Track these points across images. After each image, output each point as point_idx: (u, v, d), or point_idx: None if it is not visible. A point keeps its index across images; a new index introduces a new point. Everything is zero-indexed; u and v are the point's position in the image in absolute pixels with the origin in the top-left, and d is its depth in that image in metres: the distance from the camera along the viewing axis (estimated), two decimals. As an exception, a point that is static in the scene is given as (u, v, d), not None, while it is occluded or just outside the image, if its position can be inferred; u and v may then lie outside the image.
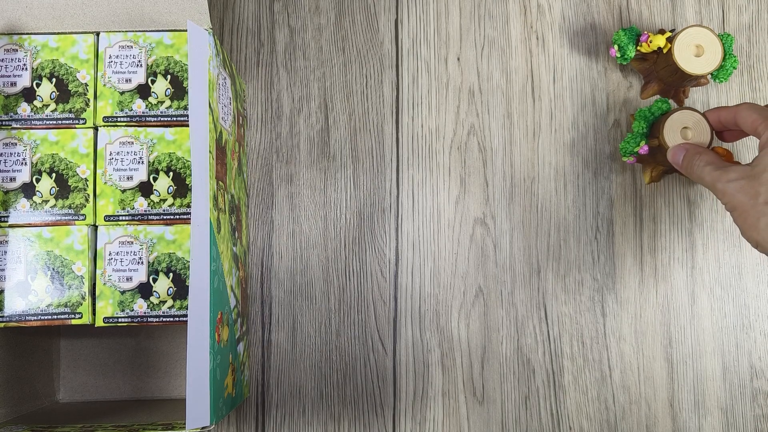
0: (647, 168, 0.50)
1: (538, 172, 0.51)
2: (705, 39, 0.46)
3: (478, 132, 0.51)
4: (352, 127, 0.51)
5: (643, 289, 0.50)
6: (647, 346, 0.49)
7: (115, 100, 0.41)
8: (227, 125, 0.42)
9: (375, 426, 0.48)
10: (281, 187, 0.50)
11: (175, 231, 0.40)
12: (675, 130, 0.45)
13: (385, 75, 0.51)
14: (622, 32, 0.48)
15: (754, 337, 0.49)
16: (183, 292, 0.40)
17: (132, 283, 0.40)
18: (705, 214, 0.50)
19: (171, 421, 0.39)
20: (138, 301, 0.40)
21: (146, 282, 0.40)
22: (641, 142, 0.46)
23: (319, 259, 0.50)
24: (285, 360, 0.49)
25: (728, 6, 0.52)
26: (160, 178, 0.41)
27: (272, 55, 0.51)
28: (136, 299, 0.40)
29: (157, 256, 0.40)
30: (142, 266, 0.40)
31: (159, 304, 0.40)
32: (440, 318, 0.49)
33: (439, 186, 0.50)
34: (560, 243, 0.50)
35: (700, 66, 0.46)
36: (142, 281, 0.40)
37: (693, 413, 0.49)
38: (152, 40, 0.42)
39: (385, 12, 0.52)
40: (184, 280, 0.40)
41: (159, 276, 0.40)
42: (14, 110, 0.41)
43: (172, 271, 0.40)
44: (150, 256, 0.40)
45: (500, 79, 0.51)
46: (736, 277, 0.50)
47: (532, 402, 0.49)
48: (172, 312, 0.40)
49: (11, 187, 0.40)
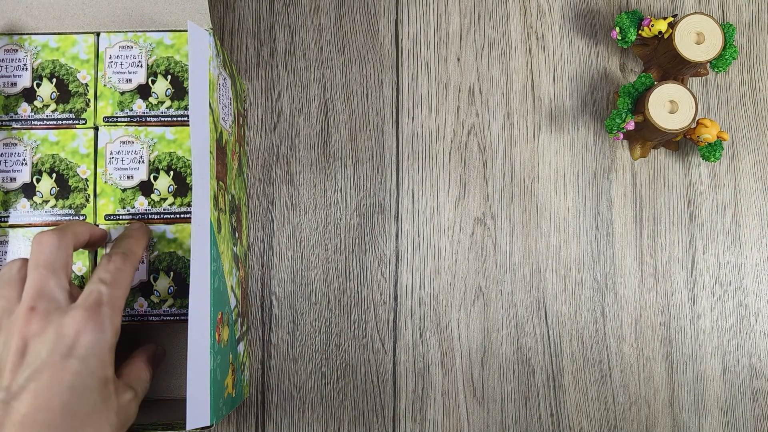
0: (635, 144, 0.50)
1: (538, 172, 0.51)
2: (706, 27, 0.47)
3: (478, 132, 0.51)
4: (352, 128, 0.51)
5: (643, 289, 0.50)
6: (647, 346, 0.49)
7: (115, 100, 0.41)
8: (228, 125, 0.42)
9: (375, 426, 0.48)
10: (281, 188, 0.50)
11: (175, 230, 0.40)
12: (660, 104, 0.46)
13: (385, 75, 0.51)
14: (625, 15, 0.48)
15: (754, 337, 0.49)
16: (184, 291, 0.40)
17: (132, 281, 0.40)
18: (705, 214, 0.50)
19: (171, 421, 0.39)
20: (139, 299, 0.40)
21: (147, 281, 0.40)
22: (627, 118, 0.46)
23: (319, 259, 0.50)
24: (285, 360, 0.49)
25: (728, 6, 0.52)
26: (160, 177, 0.41)
27: (272, 56, 0.51)
28: (137, 298, 0.40)
29: (157, 254, 0.40)
30: (142, 266, 0.40)
31: (160, 302, 0.40)
32: (440, 318, 0.49)
33: (439, 186, 0.50)
34: (560, 243, 0.50)
35: (699, 53, 0.46)
36: (142, 280, 0.40)
37: (693, 413, 0.49)
38: (152, 41, 0.42)
39: (385, 12, 0.52)
40: (184, 279, 0.40)
41: (159, 275, 0.40)
42: (14, 110, 0.41)
43: (173, 269, 0.40)
44: (151, 255, 0.40)
45: (500, 79, 0.51)
46: (736, 277, 0.50)
47: (532, 402, 0.49)
48: (172, 311, 0.40)
49: (11, 188, 0.41)
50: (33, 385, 0.30)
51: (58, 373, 0.31)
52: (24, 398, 0.30)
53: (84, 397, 0.31)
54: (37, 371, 0.31)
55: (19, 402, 0.30)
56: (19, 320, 0.32)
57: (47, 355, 0.31)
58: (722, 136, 0.47)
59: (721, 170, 0.51)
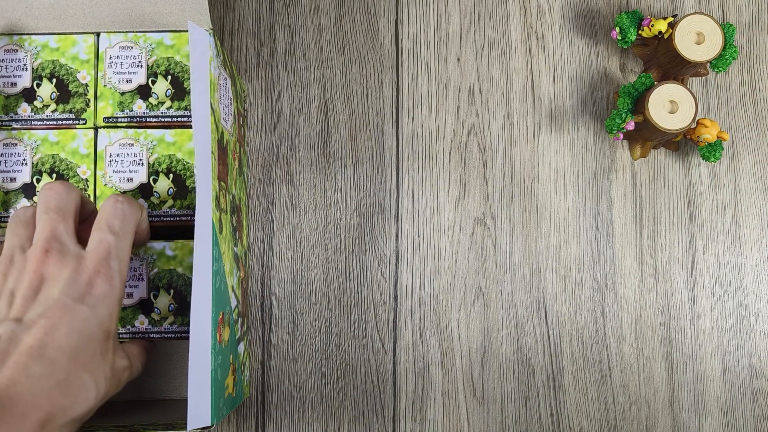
0: (635, 144, 0.50)
1: (538, 172, 0.51)
2: (706, 27, 0.47)
3: (478, 132, 0.51)
4: (352, 128, 0.51)
5: (643, 289, 0.50)
6: (647, 347, 0.49)
7: (115, 100, 0.41)
8: (228, 126, 0.42)
9: (375, 426, 0.48)
10: (281, 188, 0.50)
11: (175, 247, 0.40)
12: (660, 104, 0.46)
13: (385, 75, 0.51)
14: (625, 15, 0.48)
15: (754, 337, 0.50)
16: (184, 308, 0.39)
17: (133, 299, 0.39)
18: (705, 214, 0.51)
19: (171, 421, 0.39)
20: (139, 317, 0.39)
21: (147, 298, 0.39)
22: (627, 118, 0.46)
23: (319, 260, 0.50)
24: (285, 360, 0.49)
25: (728, 6, 0.52)
26: (160, 180, 0.41)
27: (272, 56, 0.51)
28: (138, 315, 0.39)
29: (157, 272, 0.40)
30: (142, 283, 0.40)
31: (160, 320, 0.39)
32: (440, 318, 0.49)
33: (439, 186, 0.50)
34: (560, 243, 0.50)
35: (699, 53, 0.47)
36: (143, 297, 0.39)
37: (693, 413, 0.49)
38: (153, 41, 0.42)
39: (385, 12, 0.52)
40: (185, 297, 0.39)
41: (160, 292, 0.39)
42: (14, 111, 0.41)
43: (173, 287, 0.40)
44: (150, 272, 0.40)
45: (500, 79, 0.51)
46: (736, 277, 0.50)
47: (532, 402, 0.49)
48: (173, 328, 0.39)
49: (12, 188, 0.41)
50: (43, 321, 0.31)
51: (68, 315, 0.32)
52: (33, 331, 0.31)
53: (88, 343, 0.32)
54: (48, 309, 0.32)
55: (28, 335, 0.31)
56: (35, 259, 0.33)
57: (60, 296, 0.32)
58: (722, 136, 0.47)
59: (721, 170, 0.51)
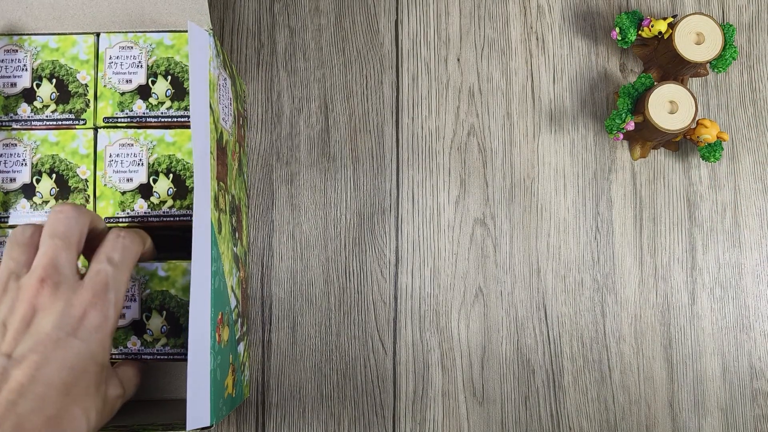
0: (635, 144, 0.50)
1: (538, 173, 0.51)
2: (706, 27, 0.47)
3: (478, 132, 0.51)
4: (352, 128, 0.51)
5: (643, 290, 0.50)
6: (647, 347, 0.49)
7: (115, 100, 0.41)
8: (228, 126, 0.42)
9: (375, 426, 0.48)
10: (281, 188, 0.50)
11: (167, 267, 0.39)
12: (659, 104, 0.46)
13: (385, 76, 0.51)
14: (625, 15, 0.48)
15: (754, 337, 0.50)
16: (177, 330, 0.39)
17: (125, 320, 0.39)
18: (705, 214, 0.50)
19: (171, 421, 0.39)
20: (132, 338, 0.39)
21: (140, 319, 0.39)
22: (627, 119, 0.46)
23: (319, 260, 0.50)
24: (285, 360, 0.49)
25: (728, 6, 0.52)
26: (160, 180, 0.41)
27: (272, 56, 0.51)
28: (130, 336, 0.39)
29: (149, 293, 0.39)
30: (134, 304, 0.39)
31: (153, 341, 0.39)
32: (440, 318, 0.49)
33: (439, 186, 0.50)
34: (560, 243, 0.50)
35: (699, 53, 0.47)
36: (135, 318, 0.39)
37: (693, 413, 0.49)
38: (152, 41, 0.42)
39: (385, 13, 0.52)
40: (177, 319, 0.39)
41: (152, 314, 0.39)
42: (14, 111, 0.41)
43: (166, 308, 0.39)
44: (143, 293, 0.39)
45: (500, 79, 0.51)
46: (736, 277, 0.50)
47: (532, 402, 0.49)
48: (166, 350, 0.39)
49: (11, 188, 0.41)
50: (34, 356, 0.30)
51: (60, 350, 0.31)
52: (23, 367, 0.30)
53: (80, 377, 0.32)
54: (39, 343, 0.31)
55: (18, 370, 0.30)
56: (29, 289, 0.32)
57: (52, 330, 0.31)
58: (722, 136, 0.47)
59: (721, 171, 0.51)
